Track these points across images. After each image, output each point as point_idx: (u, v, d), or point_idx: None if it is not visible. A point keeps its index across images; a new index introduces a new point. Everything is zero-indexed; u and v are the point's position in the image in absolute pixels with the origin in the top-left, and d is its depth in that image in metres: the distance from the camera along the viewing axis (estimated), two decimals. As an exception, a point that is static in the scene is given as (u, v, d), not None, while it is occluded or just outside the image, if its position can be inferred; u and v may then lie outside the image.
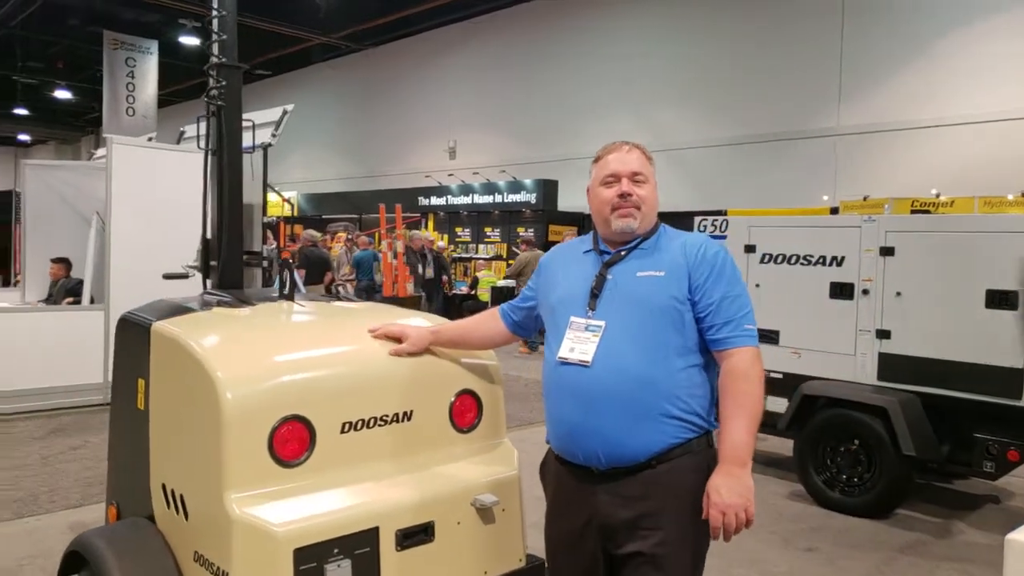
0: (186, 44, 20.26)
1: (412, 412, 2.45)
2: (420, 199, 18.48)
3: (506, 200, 16.88)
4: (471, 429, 2.61)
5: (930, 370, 4.95)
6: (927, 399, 4.96)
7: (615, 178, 2.19)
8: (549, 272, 2.35)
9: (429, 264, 13.57)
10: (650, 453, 2.04)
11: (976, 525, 5.05)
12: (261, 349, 2.40)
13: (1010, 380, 4.62)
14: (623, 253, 2.19)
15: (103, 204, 7.47)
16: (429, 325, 2.61)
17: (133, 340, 2.67)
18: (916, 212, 8.91)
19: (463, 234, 17.90)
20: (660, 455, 2.05)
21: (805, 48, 13.43)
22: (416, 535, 2.31)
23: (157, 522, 2.46)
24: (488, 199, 17.28)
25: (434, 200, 18.37)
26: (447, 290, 14.37)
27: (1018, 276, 4.62)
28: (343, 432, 2.30)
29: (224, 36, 3.22)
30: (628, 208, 2.16)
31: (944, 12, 11.96)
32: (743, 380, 2.05)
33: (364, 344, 2.50)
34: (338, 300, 3.16)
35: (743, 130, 14.33)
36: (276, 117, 7.11)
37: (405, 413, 2.44)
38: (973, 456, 4.86)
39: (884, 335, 5.16)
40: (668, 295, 2.08)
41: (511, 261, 14.47)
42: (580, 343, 2.09)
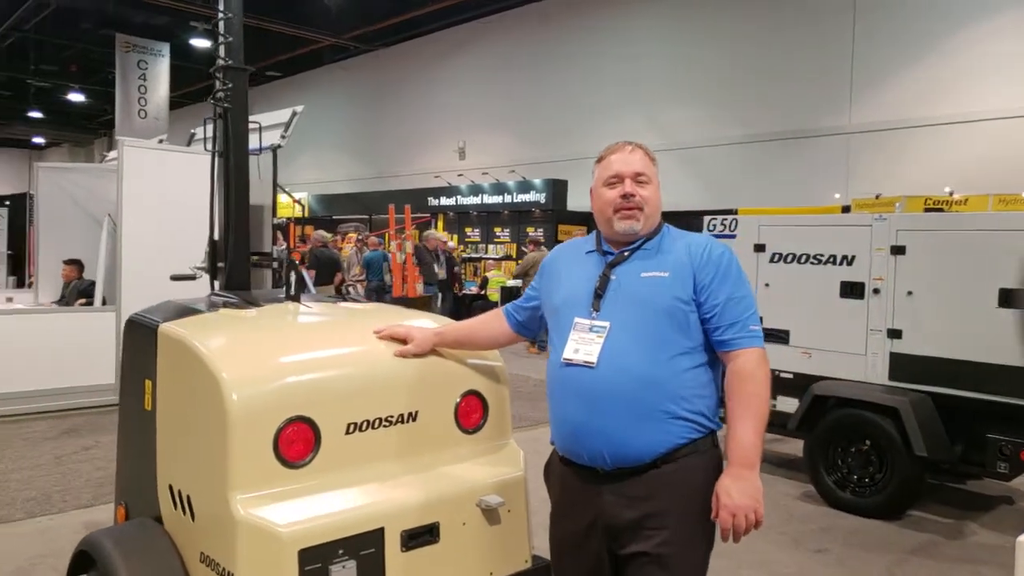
0: (197, 46, 20.36)
1: (417, 413, 2.45)
2: (430, 199, 18.50)
3: (515, 200, 16.89)
4: (476, 430, 2.61)
5: (942, 370, 4.91)
6: (939, 399, 4.92)
7: (618, 179, 2.18)
8: (552, 272, 2.35)
9: (442, 265, 13.61)
10: (655, 453, 2.04)
11: (989, 526, 5.01)
12: (266, 350, 2.41)
13: (1023, 380, 4.58)
14: (626, 254, 2.18)
15: (115, 206, 7.52)
16: (434, 326, 2.61)
17: (140, 341, 2.68)
18: (929, 210, 8.85)
19: (473, 234, 17.92)
20: (665, 455, 2.04)
21: (816, 46, 13.36)
22: (421, 536, 2.30)
23: (164, 523, 2.47)
24: (498, 199, 17.28)
25: (444, 200, 18.39)
26: (456, 290, 14.40)
27: (1031, 275, 4.58)
28: (348, 433, 2.30)
29: (230, 38, 3.23)
30: (631, 209, 2.16)
31: (956, 8, 11.88)
32: (750, 381, 2.04)
33: (369, 345, 2.50)
34: (344, 301, 3.16)
35: (754, 129, 14.27)
36: (286, 118, 7.14)
37: (410, 414, 2.44)
38: (986, 457, 4.81)
39: (895, 335, 5.12)
40: (672, 296, 2.07)
41: (520, 261, 14.46)
42: (584, 344, 2.09)
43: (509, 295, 13.13)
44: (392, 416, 2.39)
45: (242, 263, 3.28)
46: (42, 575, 3.95)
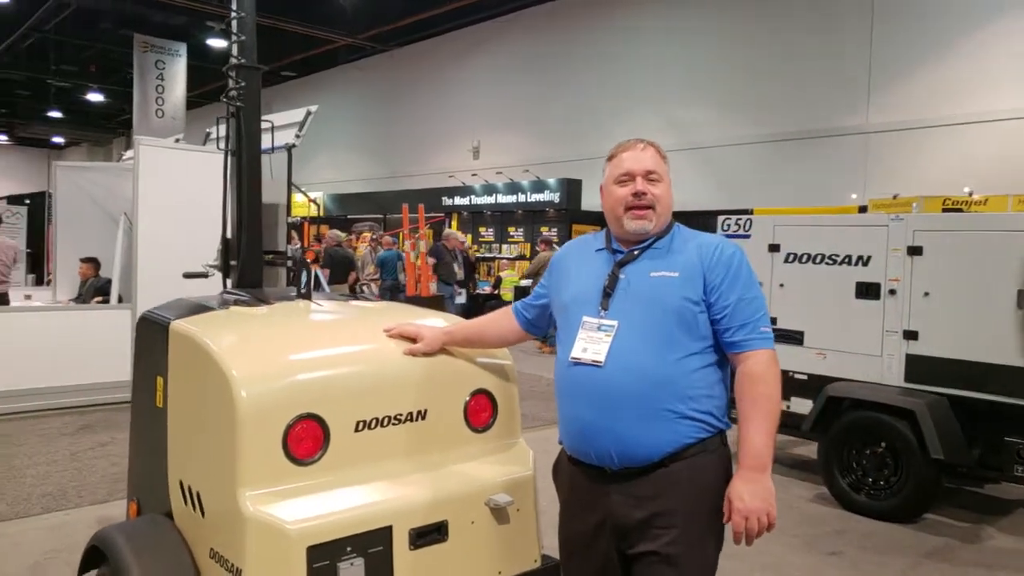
0: (214, 46, 20.50)
1: (426, 411, 2.45)
2: (444, 199, 18.52)
3: (529, 200, 16.87)
4: (486, 429, 2.60)
5: (959, 372, 4.86)
6: (956, 402, 4.87)
7: (629, 177, 2.16)
8: (561, 270, 2.34)
9: (460, 264, 13.64)
10: (663, 453, 2.03)
11: (1007, 530, 4.95)
12: (276, 348, 2.41)
13: (1041, 383, 4.53)
14: (636, 253, 2.16)
15: (131, 204, 7.57)
16: (444, 325, 2.60)
17: (152, 338, 2.70)
18: (948, 211, 8.76)
19: (486, 234, 17.92)
20: (673, 454, 2.03)
21: (833, 45, 13.26)
22: (430, 534, 2.30)
23: (175, 519, 2.49)
24: (511, 199, 17.27)
25: (458, 200, 18.40)
26: (471, 290, 14.42)
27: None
28: (357, 431, 2.30)
29: (243, 37, 3.24)
30: (642, 208, 2.14)
31: (974, 8, 11.75)
32: (760, 383, 2.03)
33: (379, 343, 2.50)
34: (355, 299, 3.17)
35: (770, 129, 14.18)
36: (300, 118, 7.18)
37: (420, 412, 2.43)
38: (1003, 460, 4.76)
39: (911, 336, 5.08)
40: (681, 296, 2.06)
41: (532, 261, 14.45)
42: (593, 343, 2.07)
43: (522, 295, 13.10)
44: (401, 414, 2.39)
45: (254, 261, 3.29)
46: (57, 570, 3.98)
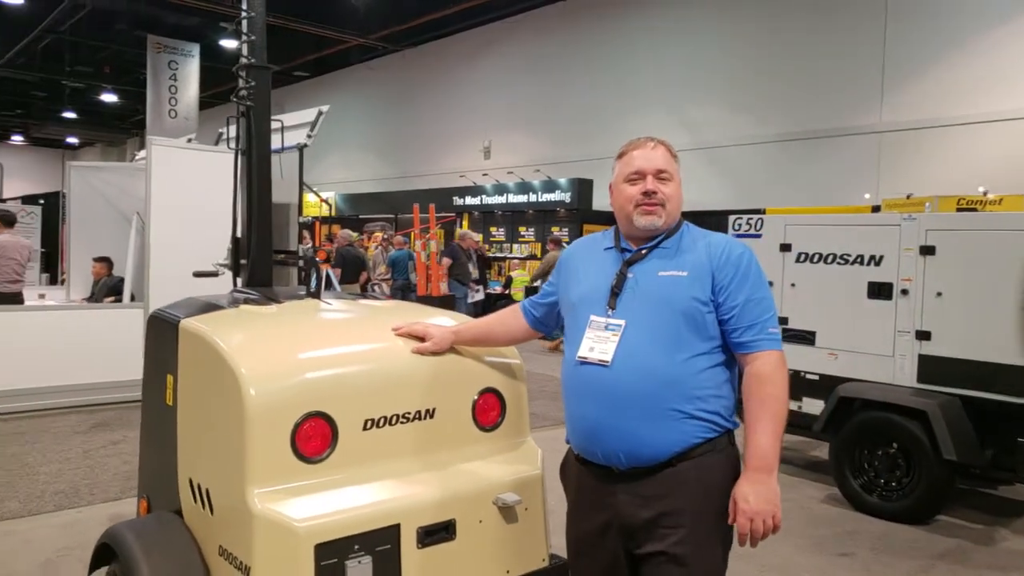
0: (226, 47, 20.60)
1: (435, 410, 2.45)
2: (455, 199, 18.53)
3: (540, 199, 16.85)
4: (494, 428, 2.60)
5: (972, 372, 4.83)
6: (969, 402, 4.83)
7: (639, 175, 2.15)
8: (569, 267, 2.33)
9: (475, 264, 13.63)
10: (671, 452, 2.02)
11: (1021, 532, 4.91)
12: (285, 346, 2.42)
13: (1056, 383, 4.49)
14: (644, 252, 2.16)
15: (143, 204, 7.62)
16: (452, 324, 2.61)
17: (162, 337, 2.71)
18: (963, 210, 8.69)
19: (497, 233, 17.91)
20: (681, 454, 2.02)
21: (846, 44, 13.18)
22: (437, 533, 2.30)
23: (184, 516, 2.50)
24: (522, 198, 17.26)
25: (469, 200, 18.40)
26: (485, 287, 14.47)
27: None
28: (365, 429, 2.31)
29: (253, 37, 3.25)
30: (653, 206, 2.13)
31: (991, 4, 11.65)
32: (768, 384, 2.02)
33: (388, 342, 2.51)
34: (364, 298, 3.18)
35: (782, 128, 14.11)
36: (312, 118, 7.20)
37: (428, 411, 2.44)
38: (1017, 461, 4.71)
39: (924, 336, 5.04)
40: (690, 296, 2.05)
41: (541, 261, 14.44)
42: (600, 342, 2.07)
43: (533, 294, 13.11)
44: (409, 413, 2.40)
45: (264, 260, 3.30)
46: (69, 567, 4.01)
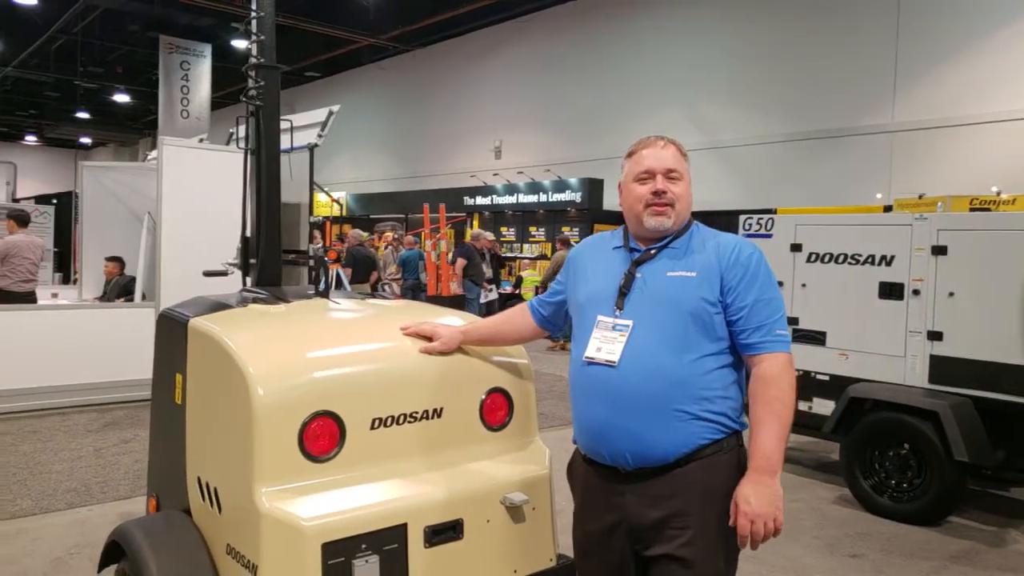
0: (238, 47, 20.69)
1: (442, 409, 2.45)
2: (466, 199, 18.55)
3: (551, 199, 16.84)
4: (502, 427, 2.60)
5: (984, 373, 4.79)
6: (981, 403, 4.80)
7: (649, 175, 2.14)
8: (578, 266, 2.32)
9: (489, 264, 13.61)
10: (678, 454, 2.01)
11: (1033, 534, 4.88)
12: (293, 345, 2.42)
13: (1069, 384, 4.45)
14: (653, 252, 2.14)
15: (155, 204, 7.66)
16: (460, 324, 2.60)
17: (171, 336, 2.72)
18: (975, 210, 8.63)
19: (508, 233, 17.92)
20: (688, 455, 2.01)
21: (858, 44, 13.11)
22: (445, 532, 2.30)
23: (193, 515, 2.51)
24: (533, 198, 17.25)
25: (479, 200, 18.41)
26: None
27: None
28: (373, 428, 2.31)
29: (262, 37, 3.26)
30: (662, 206, 2.11)
31: (1004, 3, 11.56)
32: (774, 386, 2.00)
33: (396, 341, 2.50)
34: (373, 298, 3.18)
35: (794, 127, 14.05)
36: (322, 118, 7.20)
37: (435, 410, 2.43)
38: (1030, 463, 4.69)
39: (936, 337, 5.01)
40: (698, 297, 2.04)
41: (549, 261, 14.42)
42: (607, 343, 2.06)
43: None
44: (417, 412, 2.39)
45: (273, 259, 3.31)
46: (79, 565, 4.03)
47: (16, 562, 4.06)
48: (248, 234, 3.42)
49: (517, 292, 15.62)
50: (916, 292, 5.10)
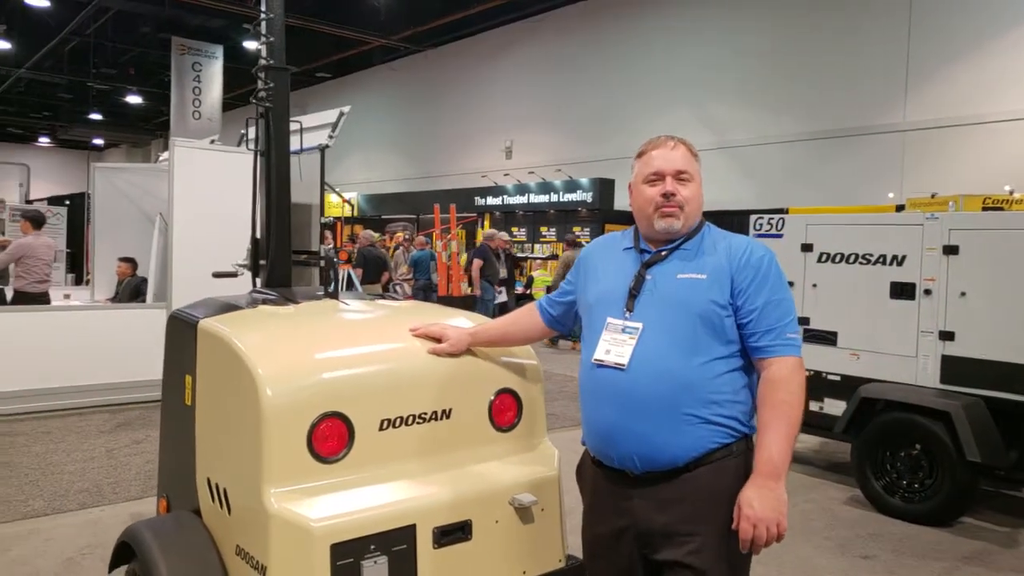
0: (250, 48, 20.78)
1: (451, 410, 2.45)
2: (477, 199, 18.56)
3: (562, 199, 16.83)
4: (511, 428, 2.60)
5: (997, 373, 4.76)
6: (993, 403, 4.77)
7: (659, 176, 2.12)
8: (588, 266, 2.31)
9: (503, 264, 13.59)
10: (688, 457, 2.00)
11: (1047, 536, 4.84)
12: (303, 346, 2.43)
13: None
14: (664, 253, 2.13)
15: (167, 205, 7.70)
16: (469, 325, 2.60)
17: (181, 337, 2.74)
18: (988, 209, 8.56)
19: (519, 233, 17.92)
20: (697, 460, 2.00)
21: (870, 43, 13.04)
22: (453, 533, 2.30)
23: (203, 515, 2.52)
24: (544, 198, 17.25)
25: (490, 200, 18.43)
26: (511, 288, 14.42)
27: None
28: (382, 429, 2.31)
29: (272, 38, 3.27)
30: (672, 208, 2.10)
31: (1014, 4, 11.48)
32: (782, 389, 1.98)
33: (405, 343, 2.51)
34: (382, 299, 3.19)
35: (806, 127, 13.99)
36: (333, 119, 7.23)
37: (444, 411, 2.44)
38: (1042, 464, 4.66)
39: (948, 337, 4.98)
40: (708, 299, 2.02)
41: (558, 262, 14.40)
42: (616, 345, 2.05)
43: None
44: (426, 413, 2.40)
45: (283, 260, 3.32)
46: (91, 565, 4.05)
47: (28, 563, 4.09)
48: (258, 235, 3.43)
49: (528, 292, 15.62)
50: (928, 292, 5.07)
